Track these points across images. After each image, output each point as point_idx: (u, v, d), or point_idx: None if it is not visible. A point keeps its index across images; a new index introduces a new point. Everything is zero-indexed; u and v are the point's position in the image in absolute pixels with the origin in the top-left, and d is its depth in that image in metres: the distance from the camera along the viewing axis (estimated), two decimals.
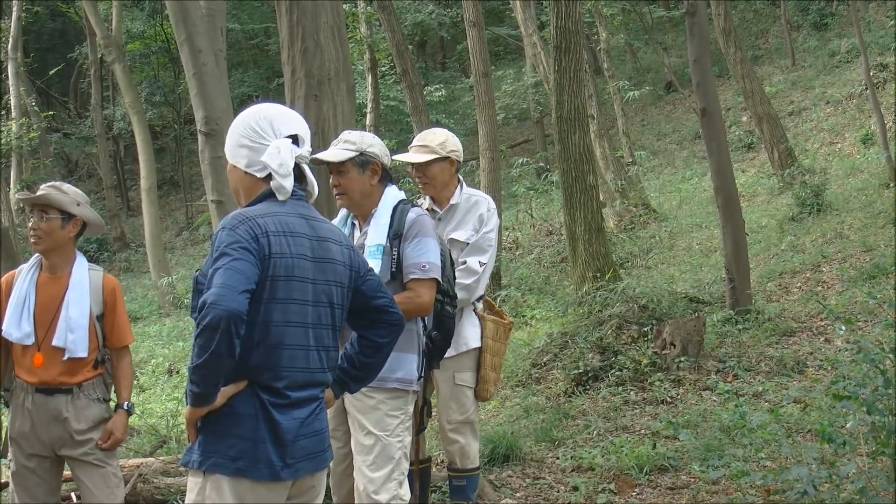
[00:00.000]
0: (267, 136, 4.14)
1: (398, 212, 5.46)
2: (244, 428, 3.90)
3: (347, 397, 5.42)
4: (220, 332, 3.67)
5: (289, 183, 4.09)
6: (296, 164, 4.15)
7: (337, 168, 5.52)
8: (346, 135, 5.64)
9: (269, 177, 4.11)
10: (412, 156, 6.45)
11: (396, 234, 5.38)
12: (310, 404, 4.07)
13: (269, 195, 4.11)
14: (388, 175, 5.62)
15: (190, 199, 33.20)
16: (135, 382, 15.31)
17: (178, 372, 16.53)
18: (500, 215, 16.46)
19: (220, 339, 3.68)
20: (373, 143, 5.57)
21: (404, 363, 5.38)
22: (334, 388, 4.35)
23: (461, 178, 6.54)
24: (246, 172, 4.16)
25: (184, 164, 34.99)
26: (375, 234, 5.40)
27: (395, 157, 6.35)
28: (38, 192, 5.82)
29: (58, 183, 6.00)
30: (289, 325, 3.96)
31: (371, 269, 4.39)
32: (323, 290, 4.09)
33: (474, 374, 6.32)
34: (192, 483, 3.96)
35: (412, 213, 5.45)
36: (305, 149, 4.24)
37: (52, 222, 5.80)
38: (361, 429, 5.38)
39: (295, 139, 4.21)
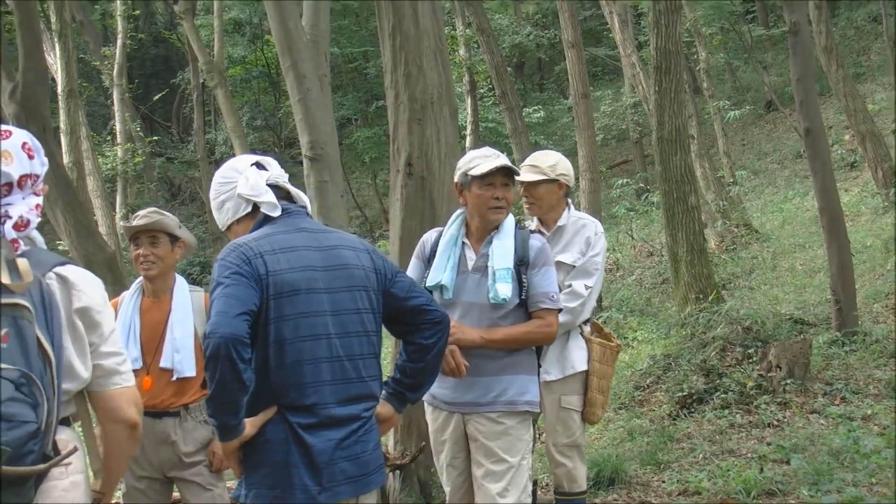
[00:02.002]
0: (233, 179, 4.26)
1: (519, 238, 5.47)
2: (276, 454, 3.93)
3: (472, 424, 5.42)
4: (220, 360, 3.70)
5: (269, 197, 4.18)
6: (278, 185, 4.27)
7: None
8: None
9: (255, 208, 4.21)
10: (522, 175, 6.46)
11: (522, 261, 5.38)
12: (349, 424, 4.05)
13: (263, 221, 4.19)
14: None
15: None
16: None
17: None
18: None
19: (222, 366, 3.70)
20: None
21: (531, 386, 5.43)
22: (392, 402, 4.35)
23: (570, 201, 6.53)
24: (238, 220, 4.26)
25: None
26: (502, 257, 5.37)
27: None
28: (146, 220, 5.89)
29: (154, 208, 6.09)
30: (304, 339, 3.97)
31: (401, 272, 4.43)
32: (343, 298, 4.10)
33: (581, 397, 6.29)
34: None
35: (536, 241, 5.46)
36: (275, 172, 4.32)
37: (162, 247, 5.90)
38: (490, 455, 5.36)
39: (258, 164, 4.33)
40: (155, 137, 35.78)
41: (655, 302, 17.42)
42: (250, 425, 3.90)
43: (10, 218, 3.40)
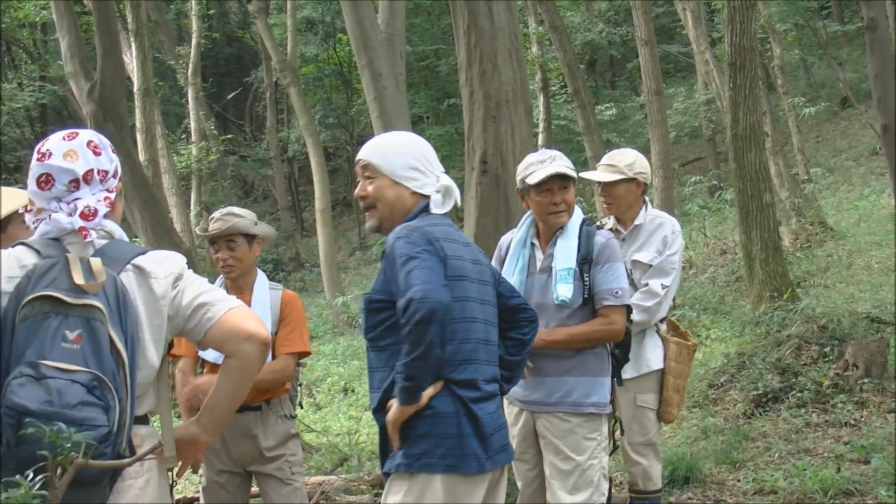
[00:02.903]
0: (432, 166, 4.42)
1: (584, 234, 5.46)
2: (447, 426, 4.04)
3: (541, 422, 5.46)
4: (433, 323, 3.84)
5: (449, 204, 4.38)
6: None
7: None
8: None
9: (421, 195, 4.34)
10: (599, 174, 6.46)
11: (585, 259, 5.38)
12: (494, 399, 4.26)
13: (422, 210, 4.31)
14: None
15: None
16: (311, 400, 15.63)
17: (353, 391, 16.68)
18: None
19: (433, 330, 3.85)
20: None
21: (598, 388, 5.40)
22: None
23: (647, 199, 6.52)
24: (413, 192, 4.32)
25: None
26: (564, 257, 5.40)
27: (582, 175, 6.36)
28: (221, 223, 5.94)
29: (229, 209, 6.14)
30: (467, 320, 4.14)
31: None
32: (483, 290, 4.29)
33: (657, 395, 6.28)
34: (397, 486, 4.09)
35: (600, 237, 5.45)
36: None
37: (240, 249, 5.95)
38: (558, 453, 5.39)
39: None
40: (228, 136, 36.11)
41: (729, 300, 17.28)
42: (424, 396, 4.03)
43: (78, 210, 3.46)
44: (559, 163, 5.46)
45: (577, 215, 5.56)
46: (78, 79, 13.03)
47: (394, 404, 4.04)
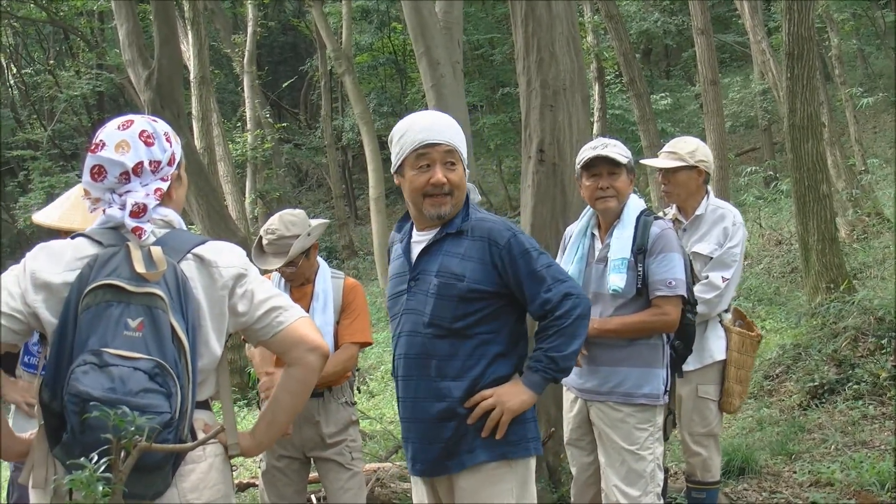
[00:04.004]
0: None
1: (641, 224, 5.44)
2: (532, 411, 4.30)
3: (594, 410, 5.49)
4: (588, 318, 4.23)
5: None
6: None
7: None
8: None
9: None
10: (660, 161, 6.45)
11: (640, 249, 5.37)
12: None
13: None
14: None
15: None
16: (364, 388, 15.66)
17: None
18: None
19: (587, 324, 4.24)
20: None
21: (651, 379, 5.39)
22: None
23: (709, 189, 6.49)
24: None
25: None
26: (619, 247, 5.39)
27: (642, 161, 6.37)
28: (277, 249, 5.91)
29: (280, 227, 6.01)
30: None
31: None
32: None
33: (718, 386, 6.26)
34: (497, 476, 4.24)
35: (655, 227, 5.42)
36: None
37: (300, 265, 5.99)
38: (611, 443, 5.41)
39: None
40: (283, 124, 36.23)
41: (784, 291, 17.18)
42: None
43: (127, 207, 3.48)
44: (611, 149, 5.48)
45: (636, 205, 5.55)
46: (136, 67, 13.15)
47: (509, 394, 4.18)
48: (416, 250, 4.43)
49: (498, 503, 4.19)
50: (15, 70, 35.34)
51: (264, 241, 5.98)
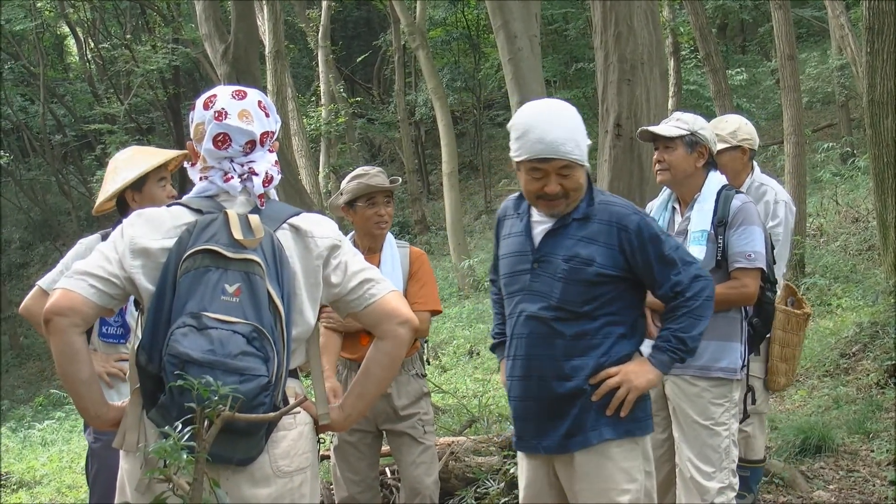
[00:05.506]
0: None
1: (722, 198, 5.40)
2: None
3: (669, 385, 5.46)
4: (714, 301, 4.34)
5: None
6: None
7: (665, 144, 5.53)
8: (679, 114, 5.65)
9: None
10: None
11: (721, 222, 5.34)
12: None
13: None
14: (712, 161, 5.58)
15: (489, 183, 33.48)
16: (436, 363, 15.70)
17: (478, 353, 16.72)
18: (804, 201, 16.01)
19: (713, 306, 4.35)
20: (704, 127, 5.56)
21: (729, 352, 5.35)
22: None
23: (755, 164, 6.40)
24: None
25: (483, 148, 35.21)
26: (699, 219, 5.37)
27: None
28: (380, 181, 5.95)
29: (366, 168, 6.13)
30: None
31: None
32: None
33: (763, 364, 6.14)
34: (626, 452, 4.34)
35: (737, 201, 5.38)
36: None
37: (393, 206, 6.03)
38: (686, 417, 5.38)
39: None
40: (357, 98, 36.20)
41: (861, 269, 16.98)
42: None
43: (257, 175, 3.54)
44: (669, 123, 5.53)
45: (717, 180, 5.51)
46: (213, 41, 13.24)
47: (636, 372, 4.28)
48: (537, 230, 4.44)
49: (626, 481, 4.28)
50: (93, 45, 35.60)
51: (358, 173, 6.04)
